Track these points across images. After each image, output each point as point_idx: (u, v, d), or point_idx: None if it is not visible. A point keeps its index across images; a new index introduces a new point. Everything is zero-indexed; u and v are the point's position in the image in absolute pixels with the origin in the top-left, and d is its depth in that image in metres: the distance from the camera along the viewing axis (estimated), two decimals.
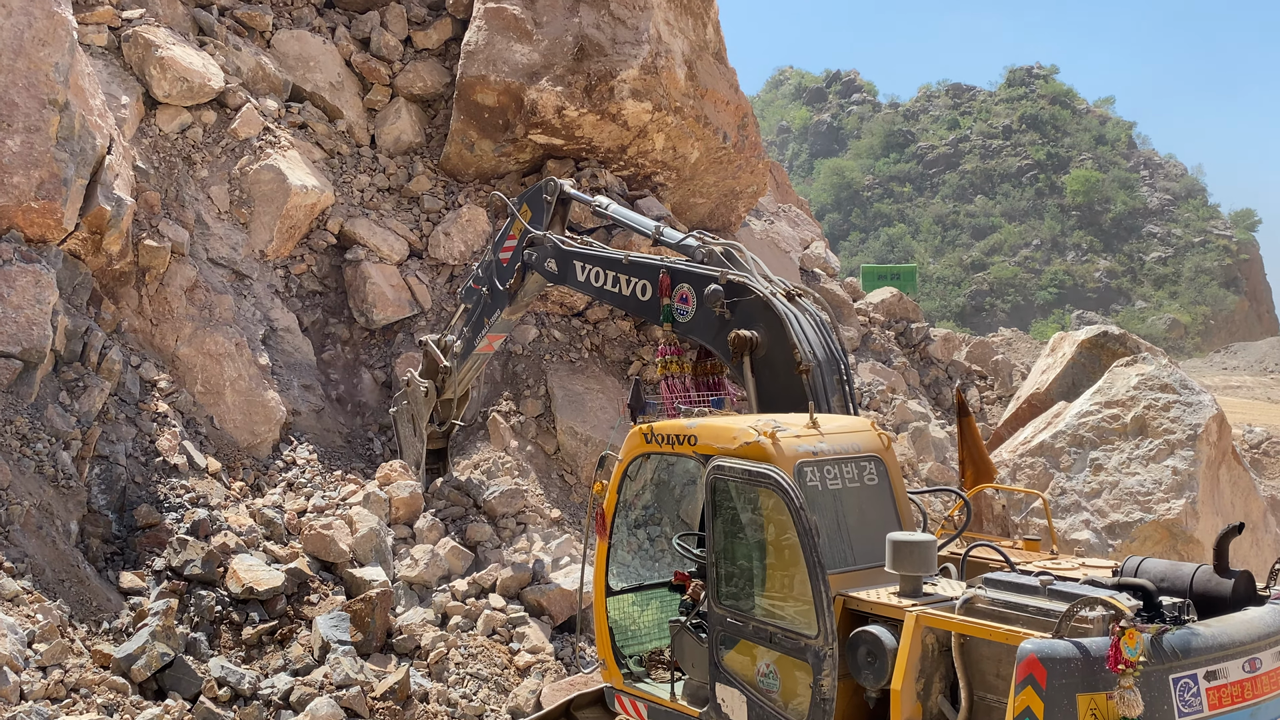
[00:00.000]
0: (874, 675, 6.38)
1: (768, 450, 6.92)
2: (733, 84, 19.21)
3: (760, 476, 6.83)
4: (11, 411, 11.41)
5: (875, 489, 7.34)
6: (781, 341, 9.36)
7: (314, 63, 17.91)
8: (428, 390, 13.89)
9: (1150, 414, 14.53)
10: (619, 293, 11.03)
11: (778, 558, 6.91)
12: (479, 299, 13.18)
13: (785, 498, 6.64)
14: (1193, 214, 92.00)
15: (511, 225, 12.69)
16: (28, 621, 9.72)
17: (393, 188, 17.55)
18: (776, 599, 6.89)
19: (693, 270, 10.33)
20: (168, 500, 12.39)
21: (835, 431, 7.43)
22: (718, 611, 7.18)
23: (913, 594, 6.62)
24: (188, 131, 15.77)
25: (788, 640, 6.71)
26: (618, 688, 8.28)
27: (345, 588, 12.14)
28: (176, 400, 13.57)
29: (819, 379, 9.26)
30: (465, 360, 13.61)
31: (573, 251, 11.68)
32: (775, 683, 6.81)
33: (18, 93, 12.45)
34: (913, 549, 6.60)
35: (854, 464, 7.30)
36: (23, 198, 12.31)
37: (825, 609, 6.44)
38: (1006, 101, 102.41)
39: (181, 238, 14.57)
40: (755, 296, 9.62)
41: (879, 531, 7.07)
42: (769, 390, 9.43)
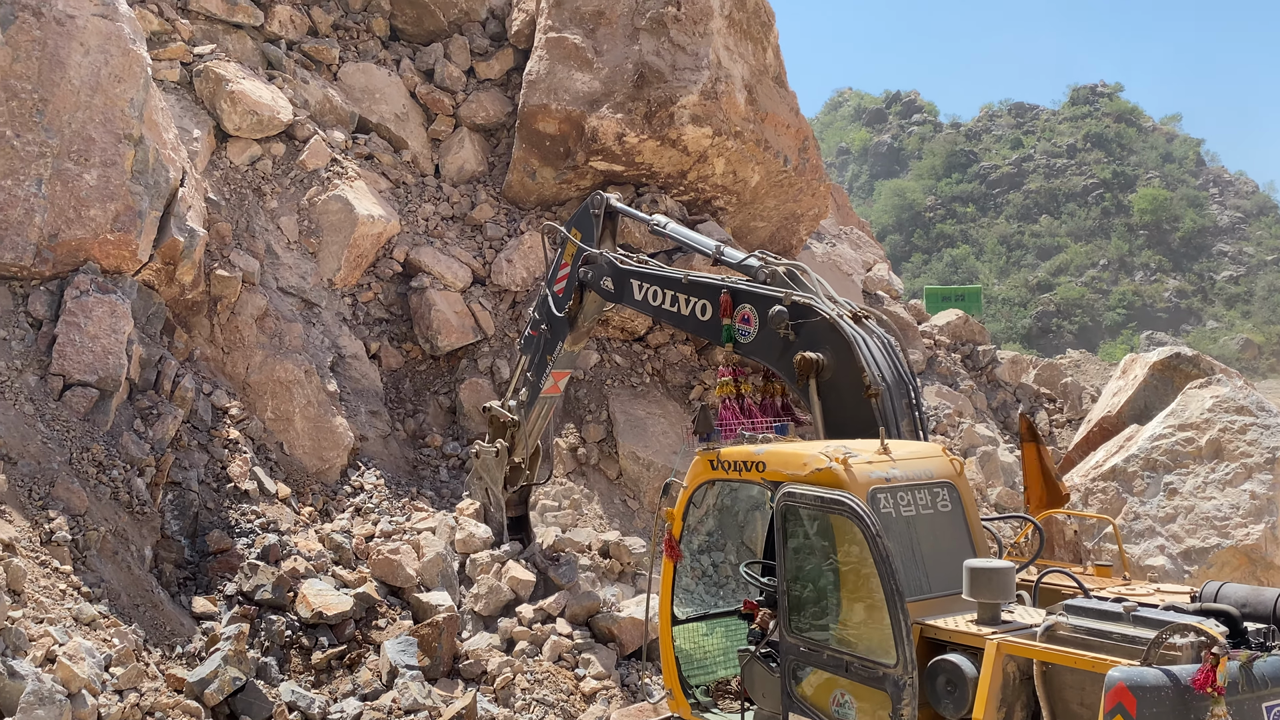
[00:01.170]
0: (954, 704, 6.29)
1: (840, 477, 6.84)
2: (793, 107, 19.20)
3: (834, 503, 6.74)
4: (88, 439, 11.67)
5: (949, 515, 7.24)
6: (849, 365, 9.19)
7: (379, 94, 18.21)
8: (499, 451, 13.47)
9: (1226, 437, 14.21)
10: (678, 312, 10.88)
11: (853, 585, 6.82)
12: (538, 342, 12.94)
13: (861, 525, 6.55)
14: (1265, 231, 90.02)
15: (563, 254, 12.53)
16: (104, 645, 9.90)
17: (456, 216, 17.76)
18: (852, 627, 6.80)
19: (755, 290, 10.15)
20: (239, 526, 12.57)
21: (907, 457, 7.34)
22: (790, 640, 7.09)
23: (991, 621, 6.53)
24: (258, 163, 16.09)
25: (864, 669, 6.61)
26: (685, 717, 8.21)
27: (412, 612, 12.23)
28: (247, 427, 13.79)
29: (888, 403, 9.07)
30: (533, 407, 13.24)
31: (629, 270, 11.52)
32: (850, 712, 6.72)
33: (95, 128, 12.80)
34: (991, 576, 6.50)
35: (927, 490, 7.20)
36: (99, 230, 12.63)
37: (905, 637, 6.35)
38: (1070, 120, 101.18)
39: (252, 267, 14.85)
40: (821, 318, 9.44)
41: (953, 558, 6.98)
42: (836, 414, 9.27)
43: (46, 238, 12.37)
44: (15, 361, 11.74)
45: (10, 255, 12.17)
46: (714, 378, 17.49)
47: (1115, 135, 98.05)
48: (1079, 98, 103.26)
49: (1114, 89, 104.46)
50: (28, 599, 9.64)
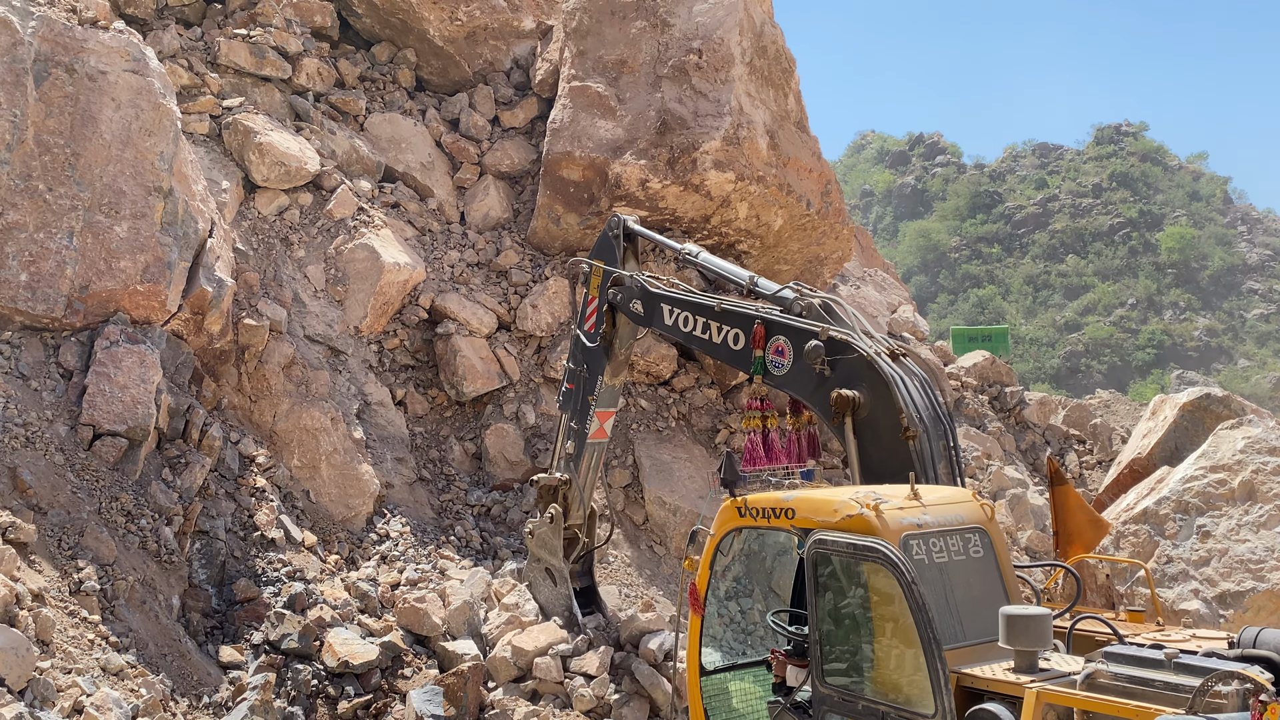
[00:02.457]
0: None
1: (872, 523, 6.78)
2: (815, 152, 19.27)
3: (867, 550, 6.68)
4: (117, 488, 11.75)
5: (980, 561, 7.16)
6: (887, 404, 9.02)
7: (405, 144, 18.42)
8: (554, 517, 12.79)
9: (1259, 478, 14.02)
10: (709, 339, 10.70)
11: (887, 634, 6.74)
12: (578, 388, 12.58)
13: (896, 572, 6.49)
14: None
15: (589, 289, 12.36)
16: (132, 696, 9.91)
17: (481, 262, 17.88)
18: (887, 677, 6.71)
19: (791, 324, 9.96)
20: (265, 574, 12.59)
21: (937, 503, 7.28)
22: (822, 691, 6.98)
23: (1029, 669, 6.45)
24: (285, 213, 16.28)
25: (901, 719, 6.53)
26: None
27: (438, 661, 12.18)
28: (274, 475, 13.86)
29: (925, 445, 8.91)
30: (581, 458, 12.77)
31: (660, 294, 11.34)
32: None
33: (125, 181, 13.00)
34: (1028, 623, 6.42)
35: (959, 536, 7.13)
36: (129, 281, 12.79)
37: (943, 687, 6.28)
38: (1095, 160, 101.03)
39: (279, 316, 14.98)
40: (859, 355, 9.26)
41: (987, 605, 6.90)
42: (871, 454, 9.11)
43: (77, 289, 12.54)
44: (46, 412, 11.86)
45: (42, 306, 12.34)
46: (740, 421, 17.46)
47: (1141, 174, 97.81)
48: (1103, 137, 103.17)
49: (1139, 128, 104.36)
50: (56, 649, 9.67)
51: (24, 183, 12.47)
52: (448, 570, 13.88)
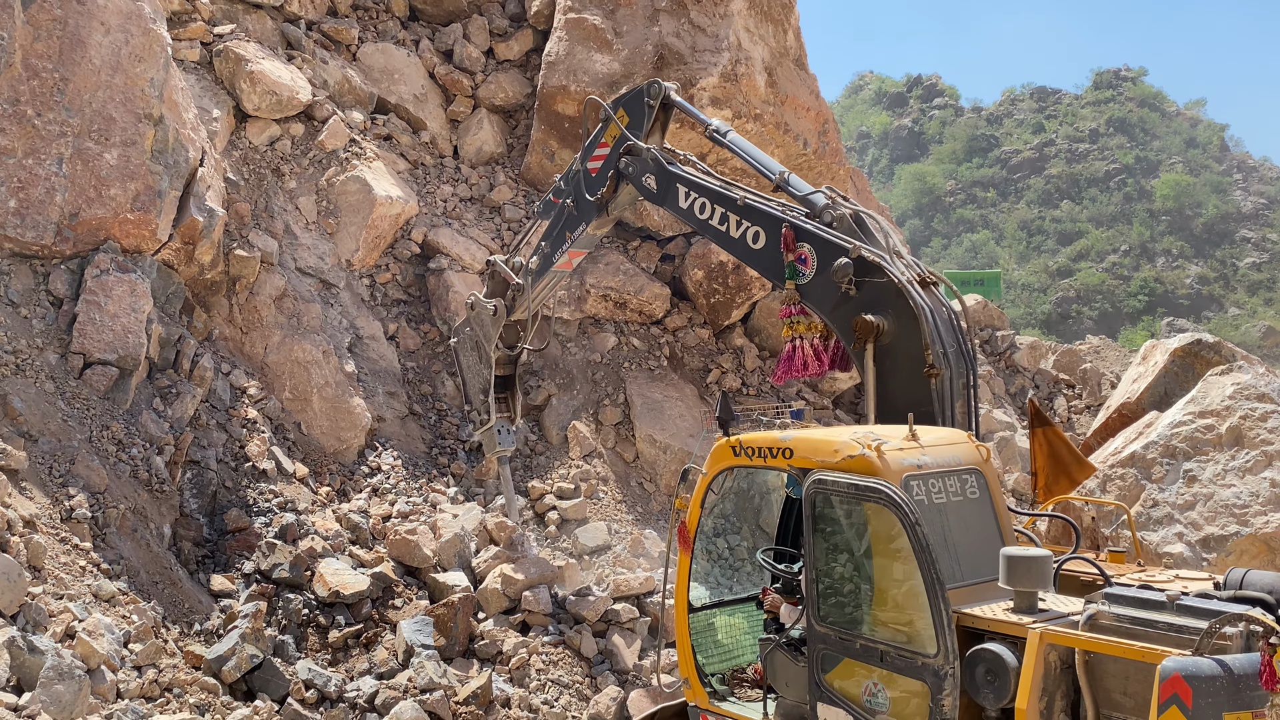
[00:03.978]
0: (994, 694, 6.23)
1: (873, 464, 6.73)
2: (813, 90, 19.09)
3: (869, 491, 6.64)
4: (108, 417, 11.74)
5: (977, 503, 7.15)
6: (912, 336, 8.65)
7: (398, 75, 18.20)
8: (496, 309, 12.98)
9: (1247, 424, 14.09)
10: (725, 232, 10.16)
11: (888, 574, 6.73)
12: (560, 212, 12.14)
13: (899, 512, 6.47)
14: None
15: (604, 131, 11.64)
16: (124, 622, 9.98)
17: (475, 197, 17.75)
18: (887, 617, 6.71)
19: (820, 234, 9.38)
20: (257, 505, 12.64)
21: (935, 444, 7.25)
22: (819, 630, 6.98)
23: (1028, 610, 6.45)
24: (276, 144, 16.11)
25: (901, 659, 6.52)
26: (703, 707, 8.09)
27: (429, 592, 12.28)
28: (265, 407, 13.85)
29: (946, 383, 8.60)
30: (541, 277, 12.59)
31: (678, 174, 10.70)
32: (884, 702, 6.64)
33: (115, 108, 12.83)
34: (1029, 565, 6.41)
35: (956, 477, 7.10)
36: (119, 209, 12.68)
37: (946, 626, 6.27)
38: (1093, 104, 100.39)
39: (270, 248, 14.88)
40: (889, 280, 8.78)
41: (983, 546, 6.90)
42: (889, 384, 8.80)
43: (67, 216, 12.43)
44: (36, 340, 11.81)
45: (31, 234, 12.23)
46: (731, 361, 17.48)
47: (1138, 120, 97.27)
48: (1102, 82, 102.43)
49: (1138, 73, 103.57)
50: (48, 575, 9.72)
51: (12, 107, 12.30)
52: (439, 504, 13.95)
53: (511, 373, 13.70)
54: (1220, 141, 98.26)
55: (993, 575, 6.72)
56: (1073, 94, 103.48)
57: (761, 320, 18.03)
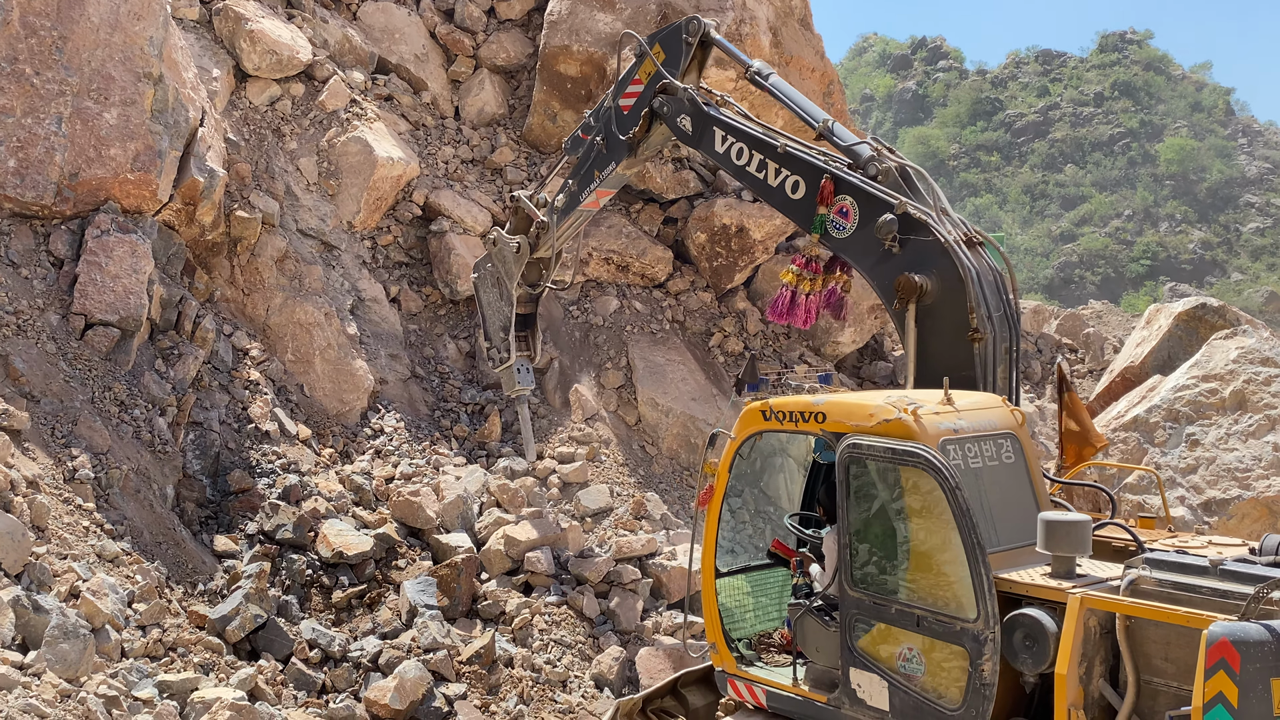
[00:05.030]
0: (1033, 660, 6.20)
1: (911, 428, 6.65)
2: (818, 50, 18.92)
3: (907, 455, 6.57)
4: (110, 378, 11.73)
5: (1012, 467, 7.09)
6: (956, 298, 8.45)
7: (399, 35, 18.04)
8: (519, 246, 12.74)
9: (1250, 388, 14.09)
10: (764, 180, 9.83)
11: (925, 539, 6.68)
12: (589, 150, 11.81)
13: (938, 477, 6.42)
14: None
15: (638, 68, 11.26)
16: (127, 582, 10.02)
17: (476, 159, 17.64)
18: (924, 582, 6.65)
19: (864, 187, 9.12)
20: (260, 466, 12.66)
21: (971, 408, 7.18)
22: (852, 595, 6.92)
23: (1067, 575, 6.40)
24: (277, 104, 16.00)
25: (939, 624, 6.47)
26: (730, 672, 8.01)
27: (432, 553, 12.32)
28: (268, 368, 13.84)
29: (989, 348, 8.40)
30: (566, 216, 12.30)
31: (716, 117, 10.37)
32: (919, 667, 6.62)
33: (114, 67, 12.73)
34: (1068, 530, 6.36)
35: (991, 441, 7.04)
36: (119, 169, 12.60)
37: (986, 591, 6.22)
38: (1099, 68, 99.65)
39: (271, 209, 14.81)
40: (935, 240, 8.57)
41: (1019, 511, 6.85)
42: (930, 346, 8.60)
43: (67, 176, 12.36)
44: (37, 300, 11.78)
45: (31, 194, 12.17)
46: (734, 325, 17.45)
47: (1144, 83, 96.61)
48: (1108, 45, 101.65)
49: (1144, 36, 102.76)
50: (51, 535, 9.75)
51: (10, 66, 12.20)
52: (442, 465, 13.96)
53: (532, 311, 13.52)
54: (1225, 106, 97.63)
55: (1028, 540, 6.67)
56: (1078, 57, 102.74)
57: (764, 284, 17.96)
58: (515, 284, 12.94)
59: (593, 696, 11.14)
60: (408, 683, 10.38)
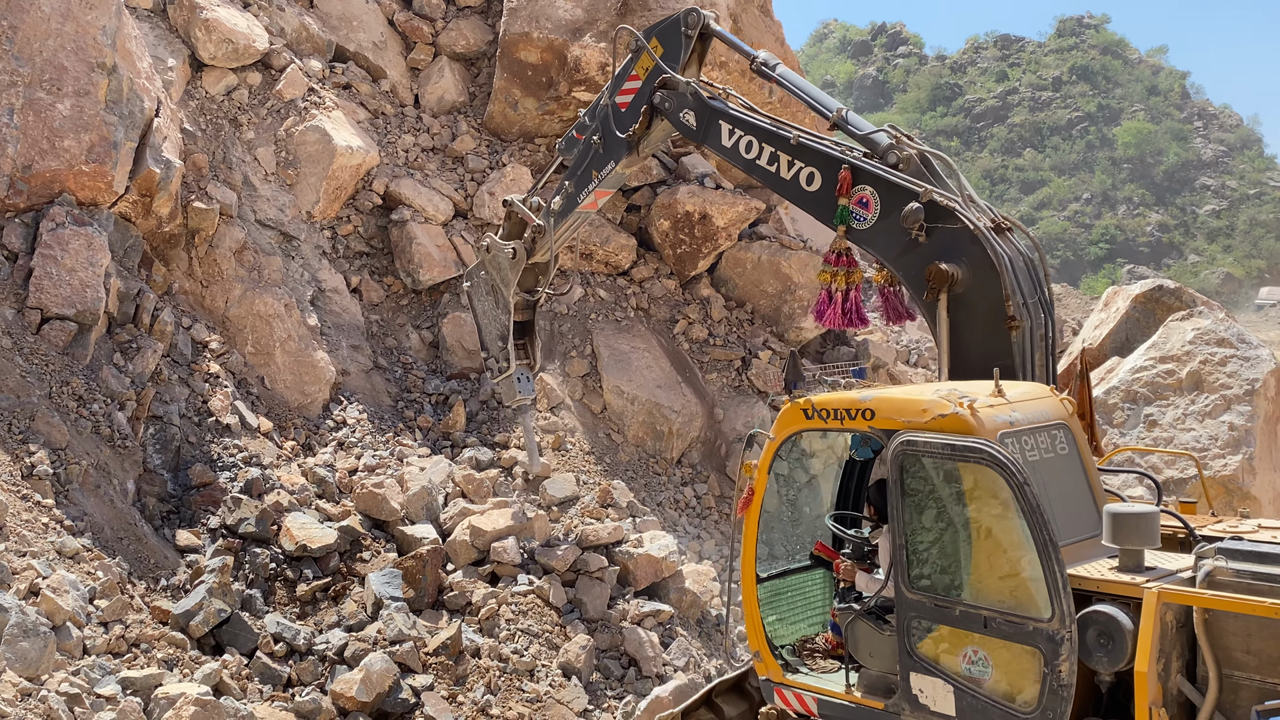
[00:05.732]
0: (1109, 658, 6.00)
1: (968, 422, 6.38)
2: (778, 37, 18.96)
3: (969, 451, 6.32)
4: (67, 373, 11.58)
5: (1066, 459, 6.87)
6: (988, 285, 8.20)
7: (357, 22, 17.88)
8: (515, 252, 12.38)
9: (1206, 369, 14.29)
10: (775, 173, 9.53)
11: (989, 537, 6.43)
12: (585, 150, 11.52)
13: (1004, 473, 6.17)
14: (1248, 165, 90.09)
15: (634, 63, 10.98)
16: (88, 578, 9.91)
17: (437, 148, 17.53)
18: (991, 581, 6.41)
19: (887, 176, 8.85)
20: (221, 460, 12.55)
21: (1022, 399, 6.93)
22: (911, 597, 6.64)
23: (1136, 569, 6.24)
24: (234, 93, 15.82)
25: (1009, 625, 6.23)
26: (776, 680, 7.65)
27: (397, 545, 12.27)
28: (228, 361, 13.71)
29: (1027, 335, 8.15)
30: (564, 219, 11.96)
31: (722, 110, 10.03)
32: (986, 670, 6.39)
33: (66, 56, 12.54)
34: (1137, 521, 6.19)
35: (1046, 433, 6.82)
36: (74, 161, 12.42)
37: (1061, 589, 5.99)
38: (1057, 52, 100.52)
39: (229, 199, 14.65)
40: (963, 227, 8.32)
41: (1076, 503, 6.66)
42: (963, 337, 8.37)
43: (20, 169, 12.16)
44: None
45: None
46: (698, 312, 17.47)
47: (1101, 67, 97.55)
48: (1066, 29, 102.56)
49: (1101, 20, 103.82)
50: (10, 533, 9.62)
51: None
52: (406, 457, 13.90)
53: (530, 318, 13.19)
54: (1181, 89, 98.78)
55: (1086, 534, 6.51)
56: (1036, 42, 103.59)
57: (728, 270, 18.01)
58: (512, 291, 12.59)
59: (560, 685, 11.15)
60: (374, 675, 10.35)
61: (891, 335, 20.10)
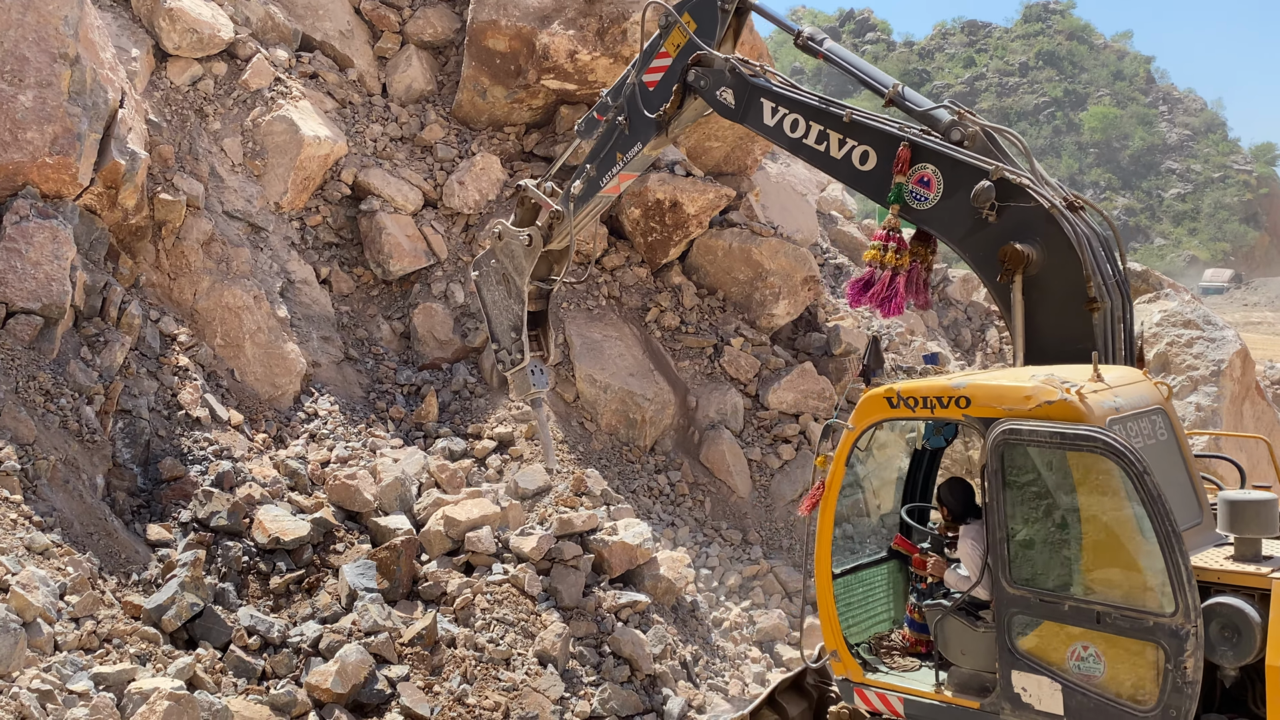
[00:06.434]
0: (1234, 652, 5.85)
1: (1078, 409, 6.14)
2: (748, 24, 18.92)
3: (1081, 439, 6.06)
4: (34, 367, 11.46)
5: (1166, 445, 6.67)
6: (1065, 266, 7.89)
7: (323, 11, 17.74)
8: (531, 239, 11.88)
9: (1173, 350, 14.44)
10: (824, 153, 9.17)
11: (1103, 528, 6.24)
12: (609, 131, 11.05)
13: (1122, 461, 5.92)
14: (1212, 149, 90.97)
15: (663, 40, 10.52)
16: (59, 574, 9.83)
17: (405, 137, 17.44)
18: (1104, 575, 6.22)
19: (950, 153, 8.50)
20: (191, 453, 12.46)
21: (1121, 384, 6.69)
22: (1012, 593, 6.40)
23: (1254, 558, 6.08)
24: (199, 83, 15.67)
25: (1125, 620, 6.02)
26: (856, 681, 7.41)
27: (370, 536, 12.23)
28: (197, 354, 13.61)
29: (1107, 317, 7.88)
30: (585, 203, 11.47)
31: (764, 87, 9.60)
32: (1098, 666, 6.20)
33: (28, 47, 12.37)
34: (1257, 510, 6.04)
35: (1147, 419, 6.58)
36: (37, 153, 12.27)
37: (1186, 582, 5.79)
38: (1023, 38, 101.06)
39: (196, 191, 14.52)
40: (1036, 205, 8.01)
41: (1178, 491, 6.45)
42: (1037, 320, 8.05)
43: None
44: None
45: None
46: (670, 300, 17.46)
47: (1067, 53, 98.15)
48: (1031, 15, 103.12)
49: (1067, 5, 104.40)
50: None
51: None
52: (379, 448, 13.86)
53: (543, 308, 12.77)
54: (1146, 74, 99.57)
55: (1190, 522, 6.35)
56: (1003, 27, 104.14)
57: (699, 258, 18.01)
58: (526, 280, 12.13)
59: (536, 674, 11.17)
60: (349, 666, 10.32)
61: (863, 321, 20.18)
